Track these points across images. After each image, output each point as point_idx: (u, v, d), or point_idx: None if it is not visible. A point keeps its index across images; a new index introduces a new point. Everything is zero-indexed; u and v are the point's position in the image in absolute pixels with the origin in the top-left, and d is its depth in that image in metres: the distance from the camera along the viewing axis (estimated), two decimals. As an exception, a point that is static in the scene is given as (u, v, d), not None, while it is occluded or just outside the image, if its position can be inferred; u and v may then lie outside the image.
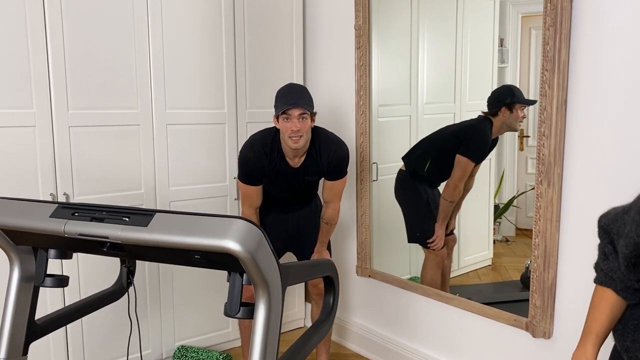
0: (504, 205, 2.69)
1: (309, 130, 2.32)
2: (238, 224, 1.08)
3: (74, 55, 2.43)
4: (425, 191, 2.80)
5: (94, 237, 1.16)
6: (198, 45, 2.80)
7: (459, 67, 2.59)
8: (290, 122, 2.25)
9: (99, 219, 1.18)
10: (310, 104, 2.32)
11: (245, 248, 1.05)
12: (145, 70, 2.64)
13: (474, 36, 2.54)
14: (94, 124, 2.52)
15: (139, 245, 1.14)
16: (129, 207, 1.21)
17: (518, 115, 2.39)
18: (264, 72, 3.05)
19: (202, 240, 1.07)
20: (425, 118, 2.78)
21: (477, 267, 2.74)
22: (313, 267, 1.47)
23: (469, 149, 2.56)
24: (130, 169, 2.64)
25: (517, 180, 2.60)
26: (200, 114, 2.84)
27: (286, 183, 2.47)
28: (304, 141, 2.30)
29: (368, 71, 2.85)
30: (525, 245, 2.51)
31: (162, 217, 1.12)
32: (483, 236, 2.75)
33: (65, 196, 2.46)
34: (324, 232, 2.60)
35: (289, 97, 2.27)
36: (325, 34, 3.14)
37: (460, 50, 2.56)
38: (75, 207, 1.22)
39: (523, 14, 2.43)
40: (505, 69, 2.49)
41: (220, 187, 2.96)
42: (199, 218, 1.11)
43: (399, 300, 2.86)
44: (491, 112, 2.44)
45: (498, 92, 2.45)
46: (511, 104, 2.37)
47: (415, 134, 2.80)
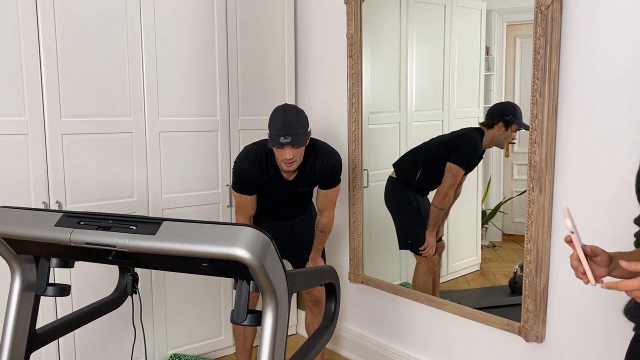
0: (491, 211, 2.73)
1: (301, 154, 2.31)
2: (247, 232, 1.09)
3: (66, 62, 2.42)
4: (415, 199, 2.83)
5: (100, 246, 1.16)
6: (191, 53, 2.80)
7: (447, 75, 2.62)
8: (284, 150, 2.24)
9: (105, 227, 1.18)
10: (304, 130, 2.26)
11: (254, 255, 1.06)
12: (138, 78, 2.64)
13: (461, 44, 2.57)
14: (86, 132, 2.51)
15: (146, 253, 1.14)
16: (135, 216, 1.21)
17: (510, 135, 2.42)
18: (256, 80, 3.06)
19: (211, 248, 1.08)
20: (414, 125, 2.81)
21: (465, 273, 2.77)
22: (317, 274, 1.49)
23: (459, 158, 2.59)
24: (123, 177, 2.63)
25: (503, 187, 2.63)
26: (193, 122, 2.84)
27: (280, 194, 2.48)
28: (296, 165, 2.31)
29: (360, 79, 2.88)
30: (512, 250, 2.62)
31: (170, 225, 1.13)
32: (471, 242, 2.78)
33: (57, 204, 2.44)
34: (318, 240, 2.61)
35: (283, 128, 2.21)
36: (316, 43, 3.16)
37: (448, 59, 2.59)
38: (81, 215, 1.22)
39: (508, 22, 2.47)
40: (491, 77, 2.52)
41: (213, 194, 2.96)
42: (208, 226, 1.12)
43: (392, 306, 2.88)
44: (488, 123, 2.46)
45: (502, 106, 2.46)
46: (510, 122, 2.39)
47: (405, 140, 2.82)
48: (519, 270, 2.46)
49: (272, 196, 2.49)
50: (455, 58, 2.59)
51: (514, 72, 2.43)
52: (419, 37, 2.71)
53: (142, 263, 1.26)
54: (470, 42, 2.55)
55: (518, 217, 2.56)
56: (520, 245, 2.43)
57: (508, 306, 2.43)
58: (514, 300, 2.41)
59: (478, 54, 2.54)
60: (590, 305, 2.06)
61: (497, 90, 2.52)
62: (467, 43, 2.57)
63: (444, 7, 2.61)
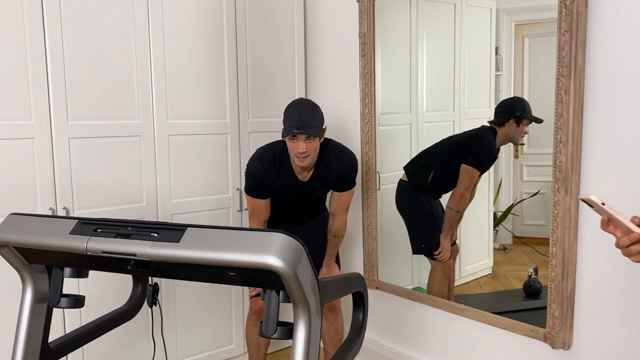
0: (503, 213, 2.68)
1: (316, 149, 2.26)
2: (278, 238, 1.01)
3: (73, 64, 2.36)
4: (428, 201, 2.78)
5: (119, 255, 1.09)
6: (200, 54, 2.74)
7: (457, 75, 2.59)
8: (297, 143, 2.20)
9: (124, 235, 1.10)
10: (319, 124, 2.24)
11: (287, 264, 0.99)
12: (147, 80, 2.57)
13: (472, 44, 2.54)
14: (94, 135, 2.44)
15: (168, 262, 1.07)
16: (156, 222, 1.13)
17: (522, 130, 2.37)
18: (266, 81, 3.00)
19: (240, 257, 1.00)
20: (425, 126, 2.77)
21: (478, 276, 2.72)
22: (347, 282, 1.41)
23: (474, 158, 2.54)
24: (131, 181, 2.57)
25: (512, 188, 2.58)
26: (202, 124, 2.77)
27: (294, 196, 2.41)
28: (310, 160, 2.25)
29: (373, 79, 2.81)
30: (523, 253, 2.57)
31: (194, 232, 1.05)
32: (483, 245, 2.73)
33: (65, 210, 2.37)
34: (331, 245, 2.54)
35: (297, 119, 2.19)
36: (327, 42, 3.10)
37: (459, 58, 2.56)
38: (98, 222, 1.14)
39: (516, 22, 2.44)
40: (500, 77, 2.49)
41: (223, 198, 2.89)
42: (236, 232, 1.04)
43: (408, 313, 2.81)
44: (498, 121, 2.41)
45: (509, 103, 2.43)
46: (520, 117, 2.35)
47: (416, 142, 2.78)
48: (533, 274, 2.43)
49: (286, 199, 2.42)
50: (466, 57, 2.56)
51: (523, 72, 2.39)
52: (429, 36, 2.68)
53: (162, 272, 1.19)
54: (481, 42, 2.52)
55: (528, 219, 2.55)
56: (532, 247, 2.48)
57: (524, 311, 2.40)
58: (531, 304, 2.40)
59: (488, 54, 2.51)
60: (619, 311, 1.99)
61: (506, 90, 2.49)
62: (477, 42, 2.54)
63: (453, 6, 2.58)
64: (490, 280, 2.66)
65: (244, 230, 1.06)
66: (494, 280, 2.65)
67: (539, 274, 2.40)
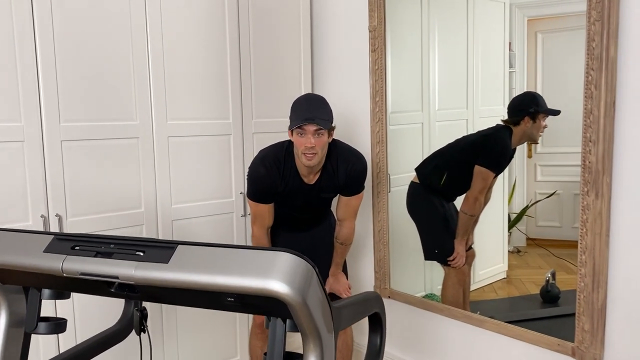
0: (517, 215, 2.56)
1: (324, 146, 2.12)
2: (284, 259, 0.85)
3: (65, 62, 2.22)
4: (441, 205, 2.67)
5: (100, 278, 0.94)
6: (200, 52, 2.60)
7: (470, 72, 2.50)
8: (305, 138, 2.06)
9: (105, 253, 0.95)
10: (329, 119, 2.13)
11: (294, 290, 0.84)
12: (145, 79, 2.43)
13: (485, 39, 2.46)
14: (88, 138, 2.30)
15: (156, 286, 0.92)
16: (142, 239, 0.98)
17: (540, 125, 2.26)
18: (271, 79, 2.86)
19: (239, 281, 0.85)
20: (437, 125, 2.67)
21: (492, 281, 2.61)
22: (363, 304, 1.25)
23: (488, 159, 2.44)
24: (128, 186, 2.43)
25: (526, 189, 2.49)
26: (203, 125, 2.64)
27: (299, 200, 2.27)
28: (318, 159, 2.11)
29: (384, 75, 2.67)
30: (538, 256, 2.45)
31: (186, 251, 0.90)
32: (497, 248, 2.62)
33: (57, 217, 2.23)
34: (338, 253, 2.40)
35: (306, 111, 2.07)
36: (335, 37, 2.97)
37: (472, 54, 2.48)
38: (76, 239, 0.99)
39: (529, 17, 2.35)
40: (513, 74, 2.41)
41: (226, 203, 2.75)
42: (234, 251, 0.89)
43: (423, 323, 2.66)
44: (512, 120, 2.31)
45: (520, 99, 2.32)
46: (535, 113, 2.24)
47: (428, 141, 2.68)
48: (550, 278, 2.31)
49: (290, 203, 2.28)
50: (479, 53, 2.47)
51: (536, 69, 2.30)
52: (441, 31, 2.58)
53: (151, 297, 1.03)
54: (494, 37, 2.44)
55: (543, 220, 2.45)
56: (547, 249, 2.36)
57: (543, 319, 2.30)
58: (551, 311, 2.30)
59: (502, 50, 2.42)
60: (658, 325, 1.82)
61: (519, 87, 2.40)
62: (490, 38, 2.45)
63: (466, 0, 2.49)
64: (505, 285, 2.55)
65: (244, 248, 0.90)
66: (509, 285, 2.54)
67: (556, 278, 2.30)
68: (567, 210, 2.22)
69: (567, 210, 2.22)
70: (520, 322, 2.28)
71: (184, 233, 2.60)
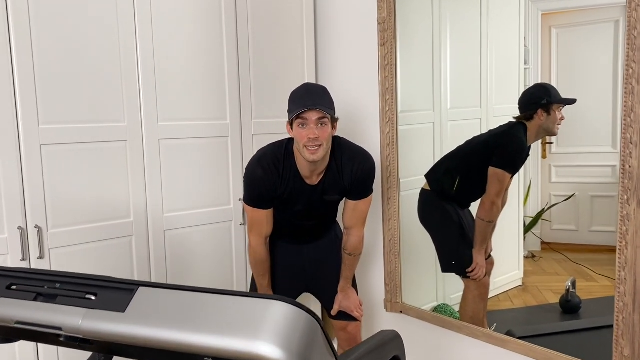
0: (533, 218, 2.43)
1: (329, 139, 1.92)
2: (278, 311, 0.64)
3: (44, 58, 2.03)
4: (456, 212, 2.51)
5: (39, 328, 0.73)
6: (195, 46, 2.41)
7: (484, 69, 2.39)
8: (307, 129, 1.87)
9: (48, 296, 0.74)
10: (332, 107, 1.94)
11: (290, 355, 0.62)
12: (133, 76, 2.25)
13: (499, 34, 2.36)
14: (71, 141, 2.12)
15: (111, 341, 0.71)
16: (95, 277, 0.77)
17: (556, 118, 2.12)
18: (272, 76, 2.67)
19: (216, 341, 0.63)
20: (449, 125, 2.54)
21: (507, 289, 2.48)
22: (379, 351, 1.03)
23: (503, 160, 2.29)
24: (116, 194, 2.24)
25: (541, 191, 2.37)
26: (198, 127, 2.45)
27: (301, 205, 2.06)
28: (323, 152, 1.90)
29: (394, 71, 2.47)
30: (554, 261, 2.35)
31: (149, 296, 0.69)
32: (513, 254, 2.49)
33: (37, 229, 2.04)
34: (347, 265, 2.19)
35: (306, 99, 1.88)
36: (340, 30, 2.77)
37: (485, 50, 2.37)
38: (13, 274, 0.78)
39: (543, 11, 2.26)
40: (527, 71, 2.30)
41: (224, 211, 2.56)
42: (212, 299, 0.67)
43: (438, 342, 2.47)
44: (525, 115, 2.18)
45: (531, 92, 2.21)
46: (548, 104, 2.11)
47: (440, 142, 2.55)
48: (571, 287, 2.20)
49: (291, 208, 2.08)
50: (493, 49, 2.37)
51: (550, 65, 2.20)
52: (453, 26, 2.47)
53: (110, 350, 0.82)
54: (508, 32, 2.34)
55: (558, 223, 2.35)
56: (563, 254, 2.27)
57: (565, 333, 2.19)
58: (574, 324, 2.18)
59: (517, 45, 2.33)
60: None
61: None
62: (504, 32, 2.36)
63: None
64: (521, 293, 2.42)
65: (226, 294, 0.68)
66: (525, 293, 2.40)
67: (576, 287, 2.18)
68: (584, 213, 2.14)
69: (584, 213, 2.14)
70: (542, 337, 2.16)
71: (178, 244, 2.40)
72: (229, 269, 2.58)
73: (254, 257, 2.12)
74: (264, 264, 2.13)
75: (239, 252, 2.59)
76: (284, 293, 2.22)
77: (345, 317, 2.23)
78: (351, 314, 2.21)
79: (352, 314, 2.21)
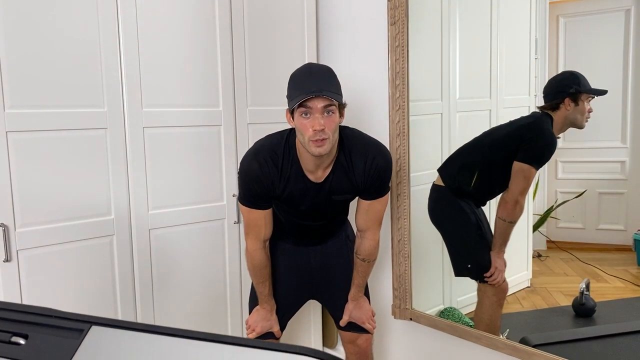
0: (541, 216, 2.33)
1: (336, 129, 1.68)
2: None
3: (12, 35, 1.80)
4: (472, 211, 2.37)
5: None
6: (184, 24, 2.19)
7: (494, 58, 2.31)
8: (312, 119, 1.62)
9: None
10: (339, 92, 1.70)
11: None
12: (114, 56, 2.03)
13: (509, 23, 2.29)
14: (42, 128, 1.90)
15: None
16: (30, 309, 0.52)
17: (584, 109, 2.01)
18: (269, 58, 2.46)
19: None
20: (458, 116, 2.45)
21: (515, 290, 2.38)
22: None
23: (531, 154, 2.16)
24: (95, 188, 2.03)
25: (547, 187, 2.29)
26: (187, 114, 2.24)
27: (304, 205, 1.83)
28: (330, 145, 1.66)
29: (406, 54, 2.27)
30: (561, 260, 2.27)
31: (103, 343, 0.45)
32: (521, 254, 2.39)
33: (2, 228, 1.81)
34: (360, 272, 1.98)
35: (310, 82, 1.63)
36: (345, 7, 2.58)
37: (495, 38, 2.30)
38: None
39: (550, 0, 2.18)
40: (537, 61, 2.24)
41: (216, 207, 2.35)
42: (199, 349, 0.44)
43: (452, 353, 2.28)
44: (551, 105, 2.06)
45: (559, 80, 2.08)
46: (577, 94, 2.00)
47: (448, 134, 2.46)
48: (584, 289, 2.10)
49: (293, 208, 1.86)
50: (504, 38, 2.30)
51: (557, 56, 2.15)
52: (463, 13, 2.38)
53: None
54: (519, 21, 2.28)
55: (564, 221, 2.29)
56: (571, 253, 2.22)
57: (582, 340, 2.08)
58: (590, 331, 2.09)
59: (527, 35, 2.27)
60: None
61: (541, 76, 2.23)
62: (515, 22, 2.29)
63: None
64: (530, 295, 2.33)
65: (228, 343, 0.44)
66: (534, 295, 2.31)
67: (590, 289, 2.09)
68: (591, 211, 2.07)
69: (591, 211, 2.07)
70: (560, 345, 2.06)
71: (164, 245, 2.18)
72: (221, 272, 2.37)
73: (252, 263, 1.89)
74: (263, 271, 1.90)
75: (233, 254, 2.38)
76: (288, 301, 2.03)
77: (356, 329, 2.02)
78: (362, 325, 2.01)
79: (363, 326, 2.01)
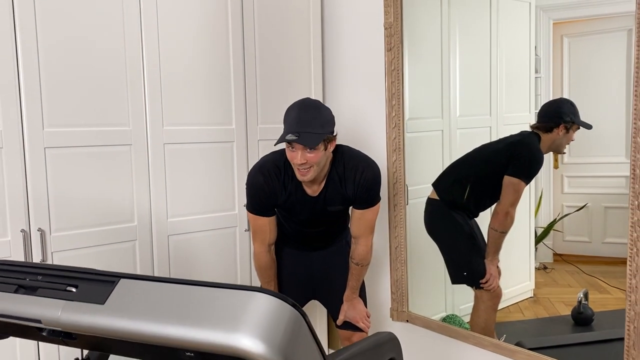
0: (545, 229, 2.38)
1: (320, 160, 1.86)
2: (261, 304, 0.61)
3: (50, 60, 2.03)
4: (466, 222, 2.46)
5: (19, 321, 0.71)
6: (201, 50, 2.39)
7: (494, 76, 2.36)
8: (295, 152, 1.81)
9: (29, 288, 0.72)
10: (323, 130, 1.83)
11: (273, 349, 0.59)
12: (139, 79, 2.23)
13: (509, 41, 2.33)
14: (75, 144, 2.11)
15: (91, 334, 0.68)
16: (77, 269, 0.75)
17: (571, 137, 2.10)
18: (278, 81, 2.65)
19: (195, 333, 0.61)
20: (459, 132, 2.51)
21: (518, 300, 2.44)
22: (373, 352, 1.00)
23: (520, 168, 2.25)
24: (120, 198, 2.23)
25: (552, 201, 2.32)
26: (204, 131, 2.43)
27: (304, 214, 2.03)
28: (314, 173, 1.86)
29: (401, 77, 2.44)
30: (566, 272, 2.33)
31: (130, 288, 0.67)
32: (523, 265, 2.44)
33: (40, 232, 2.03)
34: (354, 275, 2.15)
35: (294, 123, 1.81)
36: (347, 35, 2.75)
37: (495, 57, 2.34)
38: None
39: (555, 20, 2.23)
40: (538, 80, 2.28)
41: (228, 216, 2.53)
42: (193, 290, 0.65)
43: (445, 351, 2.40)
44: (545, 127, 2.14)
45: (558, 106, 2.16)
46: (571, 123, 2.08)
47: (449, 150, 2.52)
48: (583, 299, 2.15)
49: (294, 217, 2.06)
50: (503, 56, 2.34)
51: (562, 75, 2.17)
52: (462, 31, 2.43)
53: (94, 346, 0.80)
54: (519, 39, 2.31)
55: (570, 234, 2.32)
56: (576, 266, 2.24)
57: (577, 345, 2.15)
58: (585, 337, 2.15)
59: (527, 53, 2.29)
60: None
61: (545, 94, 2.27)
62: (515, 40, 2.33)
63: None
64: (532, 305, 2.38)
65: (206, 286, 0.66)
66: (536, 305, 2.36)
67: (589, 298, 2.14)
68: (597, 225, 2.10)
69: (597, 225, 2.10)
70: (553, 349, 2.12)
71: (182, 249, 2.38)
72: (233, 275, 2.55)
73: (258, 264, 2.10)
74: (268, 271, 2.10)
75: (244, 258, 2.57)
76: (291, 300, 2.20)
77: (351, 327, 2.18)
78: (356, 324, 2.17)
79: (357, 325, 2.17)
